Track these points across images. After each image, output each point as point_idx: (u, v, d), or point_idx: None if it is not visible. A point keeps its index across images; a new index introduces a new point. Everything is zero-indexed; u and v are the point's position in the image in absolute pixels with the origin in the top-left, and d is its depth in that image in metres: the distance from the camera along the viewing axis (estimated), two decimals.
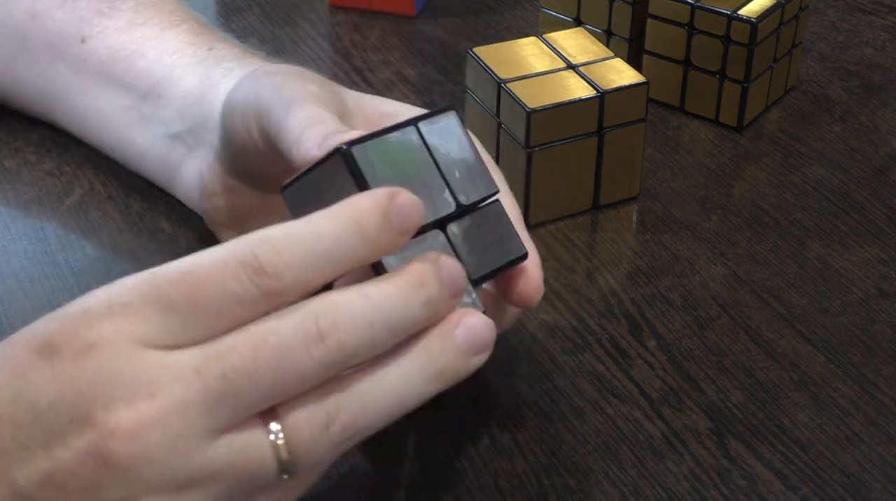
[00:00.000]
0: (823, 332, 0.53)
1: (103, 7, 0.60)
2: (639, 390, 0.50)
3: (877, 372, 0.51)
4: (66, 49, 0.60)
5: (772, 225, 0.60)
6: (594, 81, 0.58)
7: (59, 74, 0.60)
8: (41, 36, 0.61)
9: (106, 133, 0.60)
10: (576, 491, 0.46)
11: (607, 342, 0.53)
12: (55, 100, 0.61)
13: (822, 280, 0.56)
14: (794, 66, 0.70)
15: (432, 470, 0.46)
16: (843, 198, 0.62)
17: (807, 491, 0.46)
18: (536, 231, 0.59)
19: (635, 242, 0.59)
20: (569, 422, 0.48)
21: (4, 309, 0.53)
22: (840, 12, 0.79)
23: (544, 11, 0.73)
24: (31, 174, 0.61)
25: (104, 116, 0.60)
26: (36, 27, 0.61)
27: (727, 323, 0.54)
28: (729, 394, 0.50)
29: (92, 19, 0.60)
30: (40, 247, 0.57)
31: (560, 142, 0.58)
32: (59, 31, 0.60)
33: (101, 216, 0.59)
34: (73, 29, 0.60)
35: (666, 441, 0.48)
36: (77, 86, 0.60)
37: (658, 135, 0.67)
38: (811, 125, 0.68)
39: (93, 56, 0.59)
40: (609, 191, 0.61)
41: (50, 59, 0.60)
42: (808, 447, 0.48)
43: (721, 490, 0.46)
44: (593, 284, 0.56)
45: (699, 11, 0.65)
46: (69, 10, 0.60)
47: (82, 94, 0.60)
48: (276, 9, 0.77)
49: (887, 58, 0.74)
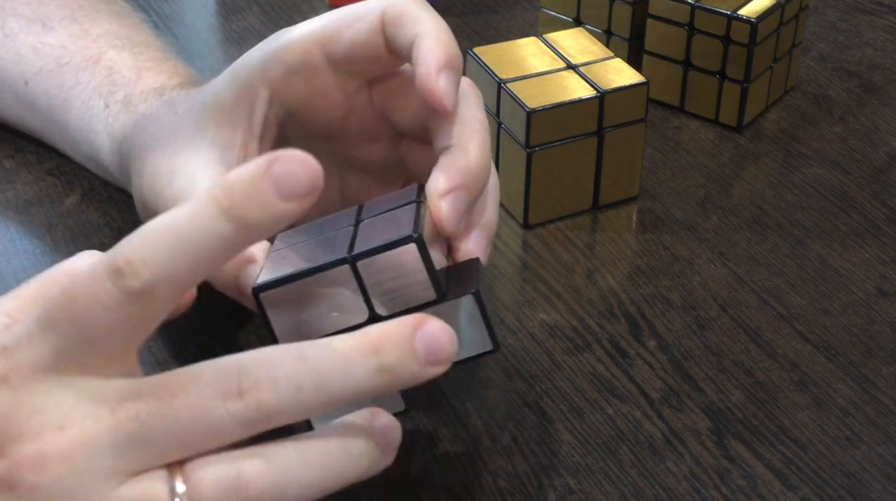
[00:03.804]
0: (823, 332, 0.53)
1: (36, 43, 0.59)
2: (639, 390, 0.50)
3: (877, 372, 0.51)
4: (17, 89, 0.60)
5: (772, 225, 0.60)
6: (594, 81, 0.58)
7: (22, 112, 0.61)
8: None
9: (90, 169, 0.60)
10: (576, 491, 0.46)
11: (607, 342, 0.53)
12: (32, 131, 0.62)
13: (821, 280, 0.56)
14: (794, 66, 0.70)
15: (432, 470, 0.46)
16: (843, 198, 0.62)
17: (807, 491, 0.46)
18: (536, 231, 0.59)
19: (635, 242, 0.59)
20: (569, 422, 0.48)
21: None
22: (840, 12, 0.79)
23: (544, 11, 0.73)
24: (31, 174, 0.61)
25: (78, 157, 0.60)
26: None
27: (727, 323, 0.54)
28: (729, 394, 0.50)
29: (29, 58, 0.59)
30: (40, 247, 0.57)
31: (560, 142, 0.58)
32: (7, 70, 0.60)
33: (101, 216, 0.59)
34: (16, 69, 0.60)
35: (666, 442, 0.48)
36: (39, 127, 0.61)
37: (658, 135, 0.67)
38: (811, 125, 0.68)
39: (37, 100, 0.59)
40: (609, 191, 0.61)
41: (10, 97, 0.61)
42: (808, 447, 0.48)
43: (721, 490, 0.46)
44: (593, 284, 0.56)
45: (699, 11, 0.65)
46: (10, 48, 0.60)
47: (46, 135, 0.61)
48: (276, 9, 0.77)
49: (887, 58, 0.74)
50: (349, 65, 0.47)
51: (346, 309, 0.40)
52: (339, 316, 0.40)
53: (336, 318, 0.40)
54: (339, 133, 0.49)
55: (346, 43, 0.46)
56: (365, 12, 0.46)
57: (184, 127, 0.49)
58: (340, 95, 0.48)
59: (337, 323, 0.40)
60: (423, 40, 0.44)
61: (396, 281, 0.40)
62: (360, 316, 0.40)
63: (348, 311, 0.40)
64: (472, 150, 0.44)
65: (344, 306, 0.40)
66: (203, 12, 0.78)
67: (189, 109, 0.49)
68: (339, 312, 0.40)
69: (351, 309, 0.40)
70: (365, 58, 0.46)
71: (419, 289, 0.40)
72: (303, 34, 0.47)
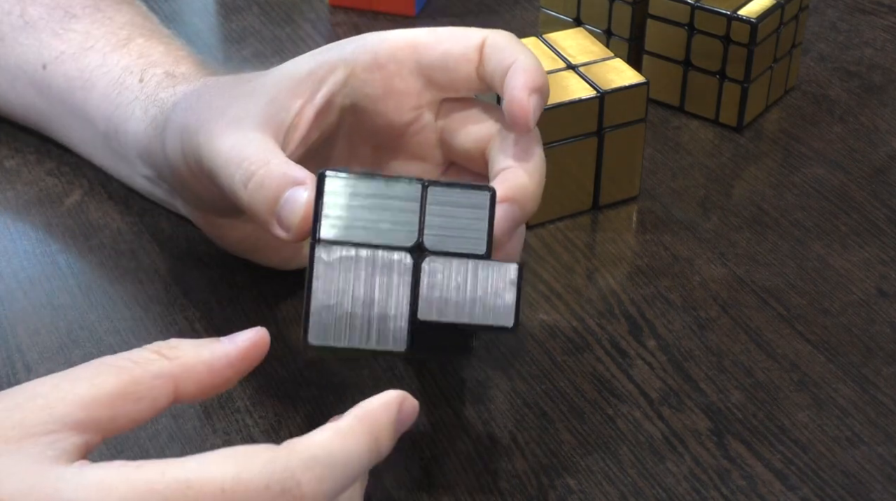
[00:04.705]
0: (823, 332, 0.53)
1: (58, 29, 0.60)
2: (639, 390, 0.50)
3: (877, 372, 0.51)
4: (33, 74, 0.60)
5: (772, 225, 0.60)
6: (594, 81, 0.58)
7: (34, 98, 0.61)
8: (11, 59, 0.61)
9: (93, 157, 0.60)
10: (576, 491, 0.46)
11: (607, 342, 0.53)
12: (39, 121, 0.62)
13: (821, 280, 0.56)
14: (794, 66, 0.70)
15: (432, 470, 0.46)
16: (843, 198, 0.62)
17: (807, 491, 0.46)
18: (536, 231, 0.59)
19: (635, 242, 0.59)
20: (569, 422, 0.48)
21: (4, 309, 0.53)
22: (840, 12, 0.79)
23: (544, 11, 0.73)
24: (31, 174, 0.61)
25: (84, 144, 0.60)
26: (5, 51, 0.61)
27: (727, 323, 0.54)
28: (729, 394, 0.50)
29: (50, 43, 0.59)
30: (40, 246, 0.57)
31: (560, 142, 0.58)
32: (24, 55, 0.60)
33: (101, 216, 0.59)
34: (34, 54, 0.60)
35: (666, 442, 0.48)
36: (50, 112, 0.60)
37: (658, 135, 0.67)
38: (811, 125, 0.68)
39: (54, 83, 0.59)
40: (609, 191, 0.61)
41: (23, 83, 0.61)
42: (808, 447, 0.48)
43: (721, 490, 0.46)
44: (593, 284, 0.56)
45: (699, 11, 0.65)
46: (30, 34, 0.60)
47: (55, 121, 0.61)
48: (276, 9, 0.77)
49: (887, 58, 0.74)
50: (435, 75, 0.47)
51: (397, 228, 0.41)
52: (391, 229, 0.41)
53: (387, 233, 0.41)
54: (393, 142, 0.49)
55: (440, 52, 0.47)
56: (468, 33, 0.47)
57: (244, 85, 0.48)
58: (413, 102, 0.48)
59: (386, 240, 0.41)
60: (519, 66, 0.46)
61: (456, 222, 0.41)
62: (408, 240, 0.41)
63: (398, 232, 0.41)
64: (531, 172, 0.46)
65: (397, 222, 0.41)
66: (203, 12, 0.78)
67: (259, 77, 0.48)
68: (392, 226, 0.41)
69: (402, 229, 0.40)
70: (453, 73, 0.47)
71: (472, 239, 0.41)
72: (401, 33, 0.48)
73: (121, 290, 0.54)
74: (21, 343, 0.51)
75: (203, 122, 0.46)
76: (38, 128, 0.62)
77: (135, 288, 0.54)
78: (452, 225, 0.41)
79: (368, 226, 0.41)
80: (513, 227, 0.44)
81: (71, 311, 0.53)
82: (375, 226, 0.41)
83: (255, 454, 0.35)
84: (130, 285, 0.55)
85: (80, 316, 0.53)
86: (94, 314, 0.53)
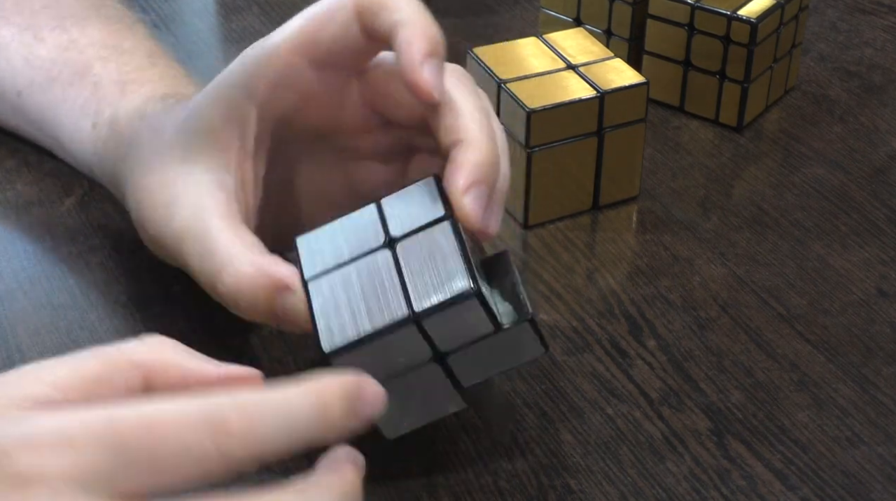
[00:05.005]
0: (823, 332, 0.53)
1: (27, 55, 0.59)
2: (639, 390, 0.50)
3: (877, 372, 0.51)
4: (11, 100, 0.60)
5: (772, 225, 0.60)
6: (594, 81, 0.58)
7: (16, 119, 0.61)
8: None
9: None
10: (576, 491, 0.46)
11: (607, 342, 0.53)
12: (26, 137, 0.62)
13: (821, 280, 0.56)
14: (794, 66, 0.70)
15: (432, 470, 0.46)
16: (843, 198, 0.62)
17: (807, 491, 0.46)
18: (536, 231, 0.59)
19: (635, 242, 0.59)
20: (569, 422, 0.48)
21: (4, 309, 0.53)
22: (840, 12, 0.79)
23: (544, 11, 0.73)
24: (31, 174, 0.61)
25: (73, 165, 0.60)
26: None
27: (727, 323, 0.54)
28: (729, 394, 0.50)
29: (22, 70, 0.59)
30: (40, 247, 0.57)
31: (560, 142, 0.58)
32: (2, 80, 0.60)
33: (101, 216, 0.59)
34: (10, 80, 0.60)
35: (666, 442, 0.48)
36: (34, 134, 0.61)
37: (658, 135, 0.67)
38: (811, 125, 0.68)
39: (30, 111, 0.60)
40: (609, 191, 0.61)
41: (4, 104, 0.61)
42: (808, 447, 0.48)
43: (721, 490, 0.46)
44: (593, 284, 0.56)
45: (699, 11, 0.65)
46: (4, 58, 0.60)
47: (40, 140, 0.61)
48: (276, 9, 0.77)
49: (887, 58, 0.74)
50: (332, 63, 0.46)
51: (411, 353, 0.41)
52: (405, 359, 0.42)
53: (402, 362, 0.42)
54: (334, 130, 0.49)
55: (326, 43, 0.46)
56: (337, 7, 0.45)
57: (174, 154, 0.48)
58: (328, 95, 0.47)
59: (403, 364, 0.42)
60: (401, 29, 0.43)
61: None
62: (423, 355, 0.42)
63: (413, 354, 0.42)
64: (482, 141, 0.43)
65: (408, 351, 0.41)
66: (203, 12, 0.78)
67: (176, 134, 0.48)
68: (405, 357, 0.42)
69: (415, 351, 0.41)
70: (346, 53, 0.46)
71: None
72: (281, 44, 0.46)
73: (121, 290, 0.54)
74: (21, 343, 0.51)
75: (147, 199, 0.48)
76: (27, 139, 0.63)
77: (135, 289, 0.54)
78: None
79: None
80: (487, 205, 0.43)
81: (71, 311, 0.53)
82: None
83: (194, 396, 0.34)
84: (130, 285, 0.55)
85: (80, 316, 0.53)
86: (94, 314, 0.53)
